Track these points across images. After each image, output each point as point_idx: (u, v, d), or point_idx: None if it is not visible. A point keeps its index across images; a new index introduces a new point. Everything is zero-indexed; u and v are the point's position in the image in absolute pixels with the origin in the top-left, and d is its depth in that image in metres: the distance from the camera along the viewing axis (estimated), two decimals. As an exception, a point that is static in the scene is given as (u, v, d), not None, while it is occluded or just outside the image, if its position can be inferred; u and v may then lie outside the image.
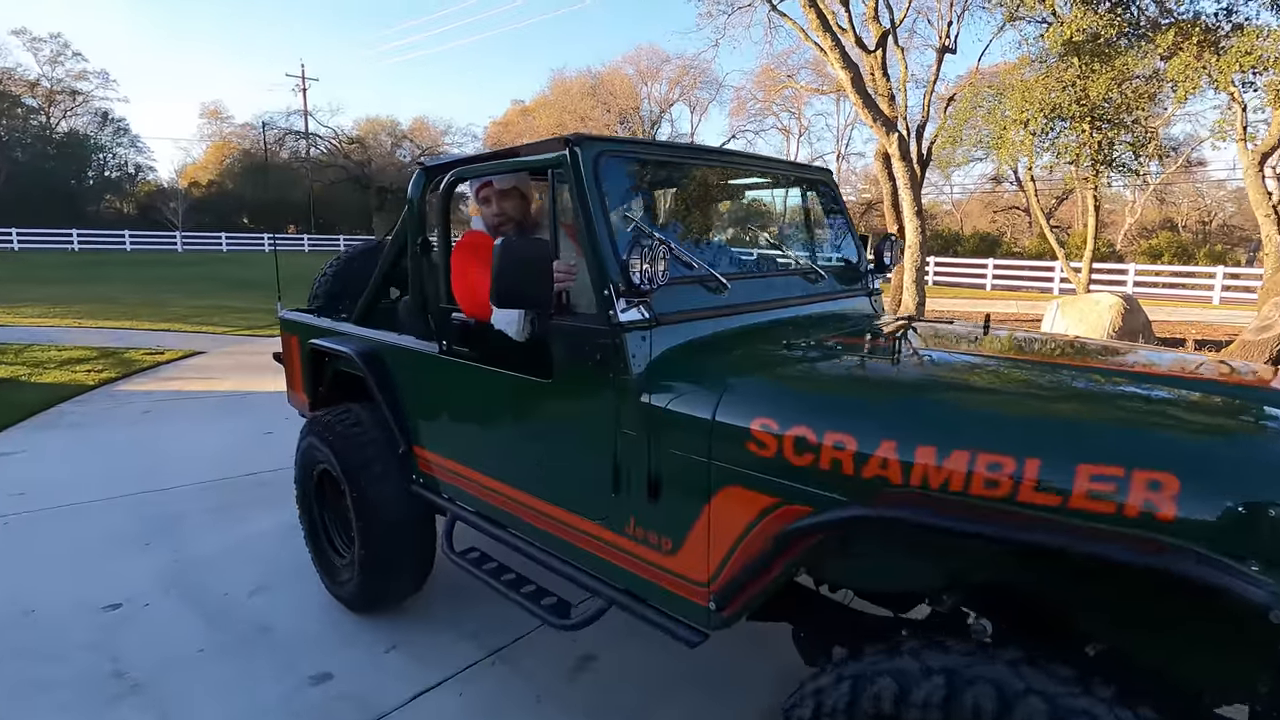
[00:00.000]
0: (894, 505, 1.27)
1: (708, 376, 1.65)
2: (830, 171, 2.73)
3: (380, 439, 2.60)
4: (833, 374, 1.68)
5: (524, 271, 1.66)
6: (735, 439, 1.52)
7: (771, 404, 1.52)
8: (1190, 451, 1.15)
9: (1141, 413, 1.33)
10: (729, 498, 1.55)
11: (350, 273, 3.62)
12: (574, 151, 1.81)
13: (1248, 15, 8.40)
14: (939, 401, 1.43)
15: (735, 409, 1.54)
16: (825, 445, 1.40)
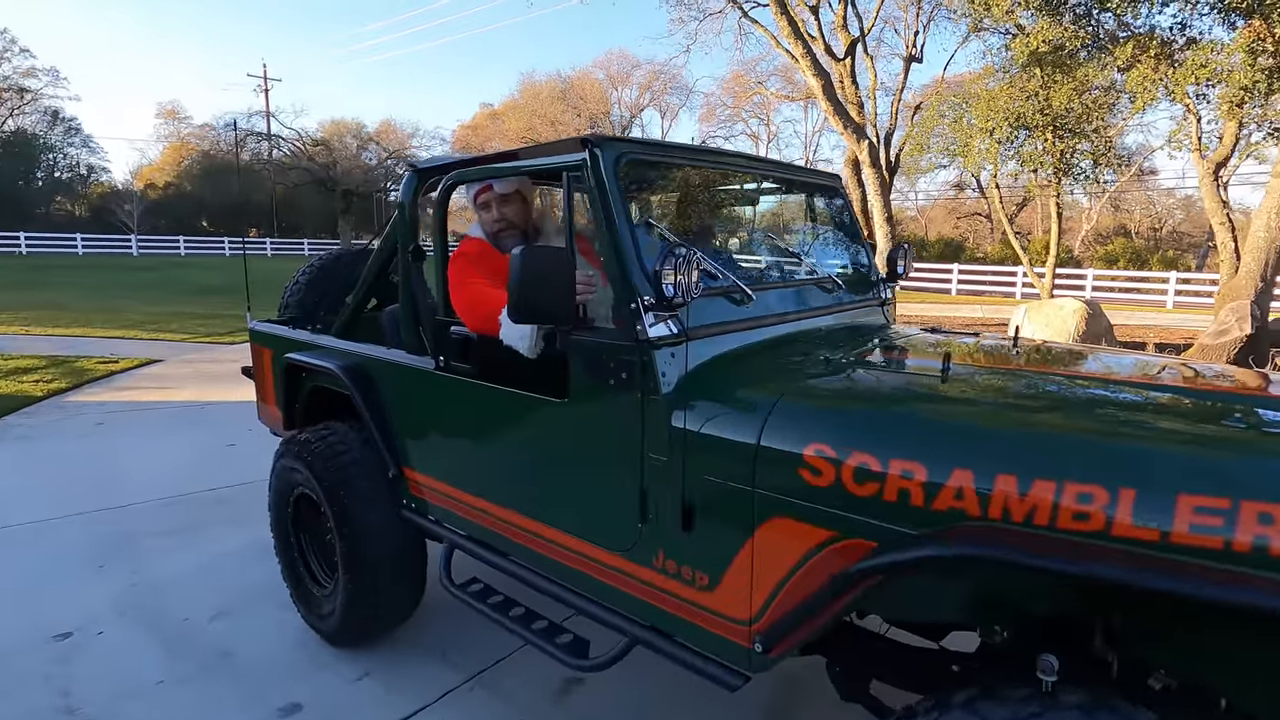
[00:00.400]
0: (988, 543, 1.15)
1: (748, 396, 1.55)
2: (839, 178, 2.69)
3: (367, 461, 2.46)
4: (889, 394, 1.56)
5: (545, 283, 1.55)
6: (784, 466, 1.41)
7: (826, 428, 1.41)
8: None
9: (1244, 438, 1.24)
10: (776, 530, 1.44)
11: (325, 281, 3.47)
12: (594, 153, 1.70)
13: (1201, 30, 8.72)
14: (1016, 426, 1.31)
15: (784, 433, 1.43)
16: (891, 474, 1.29)
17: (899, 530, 1.28)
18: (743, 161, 2.37)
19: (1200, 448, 1.19)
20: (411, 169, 2.37)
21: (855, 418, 1.43)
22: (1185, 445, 1.19)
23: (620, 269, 1.64)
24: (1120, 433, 1.26)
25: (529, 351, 1.83)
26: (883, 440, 1.34)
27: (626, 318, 1.62)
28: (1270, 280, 7.62)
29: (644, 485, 1.64)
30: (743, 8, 11.94)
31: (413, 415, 2.35)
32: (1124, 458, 1.17)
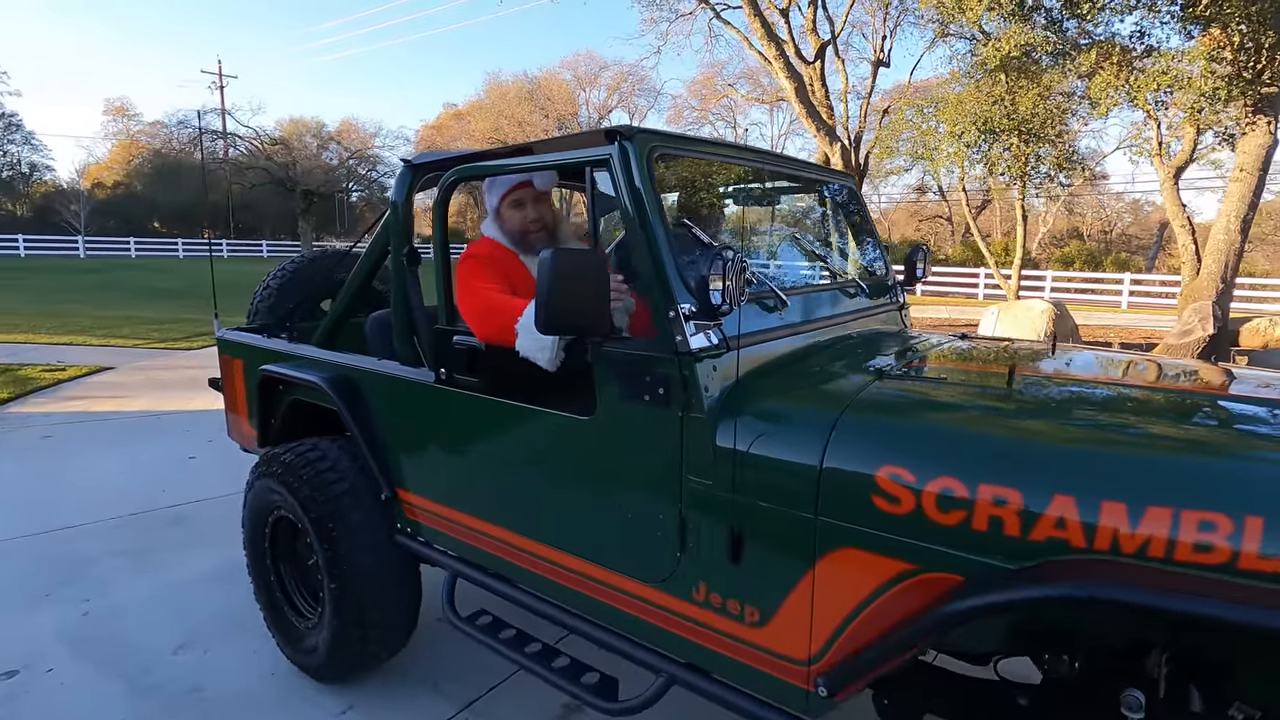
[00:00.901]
0: (1113, 582, 1.03)
1: (804, 411, 1.42)
2: (854, 177, 2.60)
3: (357, 482, 2.26)
4: (967, 410, 1.41)
5: (579, 289, 1.40)
6: (853, 491, 1.28)
7: (901, 448, 1.28)
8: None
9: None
10: (843, 562, 1.31)
11: (299, 286, 3.26)
12: (624, 147, 1.56)
13: (1159, 38, 8.98)
14: (1120, 447, 1.19)
15: (851, 453, 1.30)
16: (980, 501, 1.17)
17: (990, 564, 1.16)
18: (768, 159, 2.25)
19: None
20: (406, 164, 2.20)
21: (934, 437, 1.30)
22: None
23: (657, 274, 1.50)
24: (1240, 454, 1.16)
25: (549, 364, 1.67)
26: (969, 463, 1.22)
27: (663, 327, 1.49)
28: (1230, 281, 7.84)
29: (683, 511, 1.51)
30: (715, 9, 11.91)
31: (409, 432, 2.17)
32: (1249, 482, 1.07)
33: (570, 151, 1.69)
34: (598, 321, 1.45)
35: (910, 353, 1.86)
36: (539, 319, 1.41)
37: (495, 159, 1.93)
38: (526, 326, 1.66)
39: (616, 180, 1.56)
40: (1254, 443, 1.25)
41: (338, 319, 2.54)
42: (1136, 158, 9.30)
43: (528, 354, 1.68)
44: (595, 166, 1.62)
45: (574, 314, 1.41)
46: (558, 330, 1.44)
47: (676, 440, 1.49)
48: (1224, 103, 7.36)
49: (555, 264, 1.37)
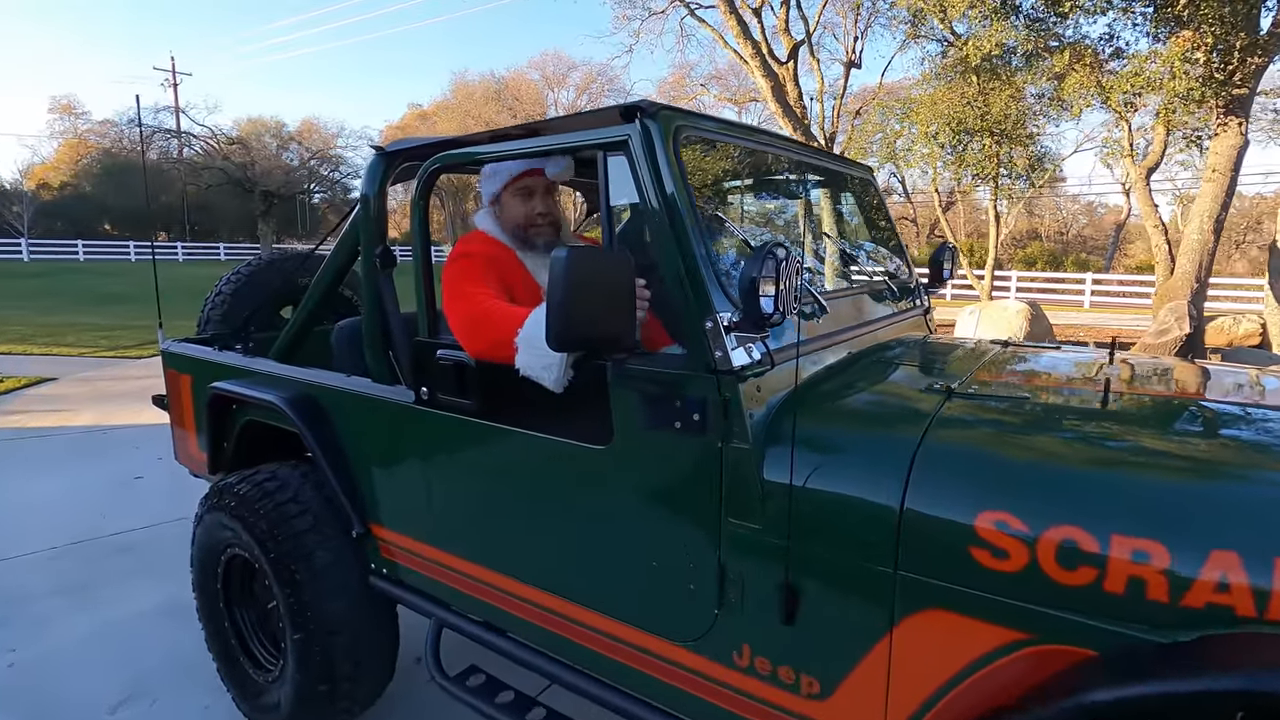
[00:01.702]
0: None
1: (873, 440, 1.21)
2: (872, 169, 2.39)
3: (324, 516, 1.98)
4: (1071, 438, 1.19)
5: (601, 297, 1.16)
6: (945, 541, 1.07)
7: (1005, 487, 1.06)
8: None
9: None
10: (931, 627, 1.10)
11: (255, 292, 2.95)
12: (646, 126, 1.32)
13: (1127, 40, 9.09)
14: None
15: (938, 493, 1.09)
16: (1115, 556, 0.97)
17: (1132, 635, 0.95)
18: (795, 146, 2.02)
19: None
20: (378, 152, 1.92)
21: (1046, 473, 1.08)
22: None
23: (689, 277, 1.26)
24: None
25: (555, 385, 1.41)
26: (1097, 507, 1.00)
27: (697, 340, 1.25)
28: (1204, 281, 7.91)
29: (722, 559, 1.27)
30: (689, 6, 11.75)
31: (385, 461, 1.90)
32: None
33: (577, 134, 1.44)
34: (621, 336, 1.20)
35: (965, 365, 1.65)
36: (550, 332, 1.16)
37: (484, 144, 1.67)
38: (529, 340, 1.41)
39: (637, 165, 1.32)
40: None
41: (299, 329, 2.25)
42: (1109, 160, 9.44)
43: (529, 372, 1.42)
44: (609, 150, 1.37)
45: (593, 327, 1.16)
46: (573, 346, 1.19)
47: (714, 475, 1.25)
48: (1198, 104, 7.42)
49: (572, 266, 1.12)
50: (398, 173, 1.95)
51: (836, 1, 14.59)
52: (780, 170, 2.01)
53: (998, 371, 1.59)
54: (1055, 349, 1.93)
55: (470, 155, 1.67)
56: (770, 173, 2.00)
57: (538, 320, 1.40)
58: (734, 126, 1.67)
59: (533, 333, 1.40)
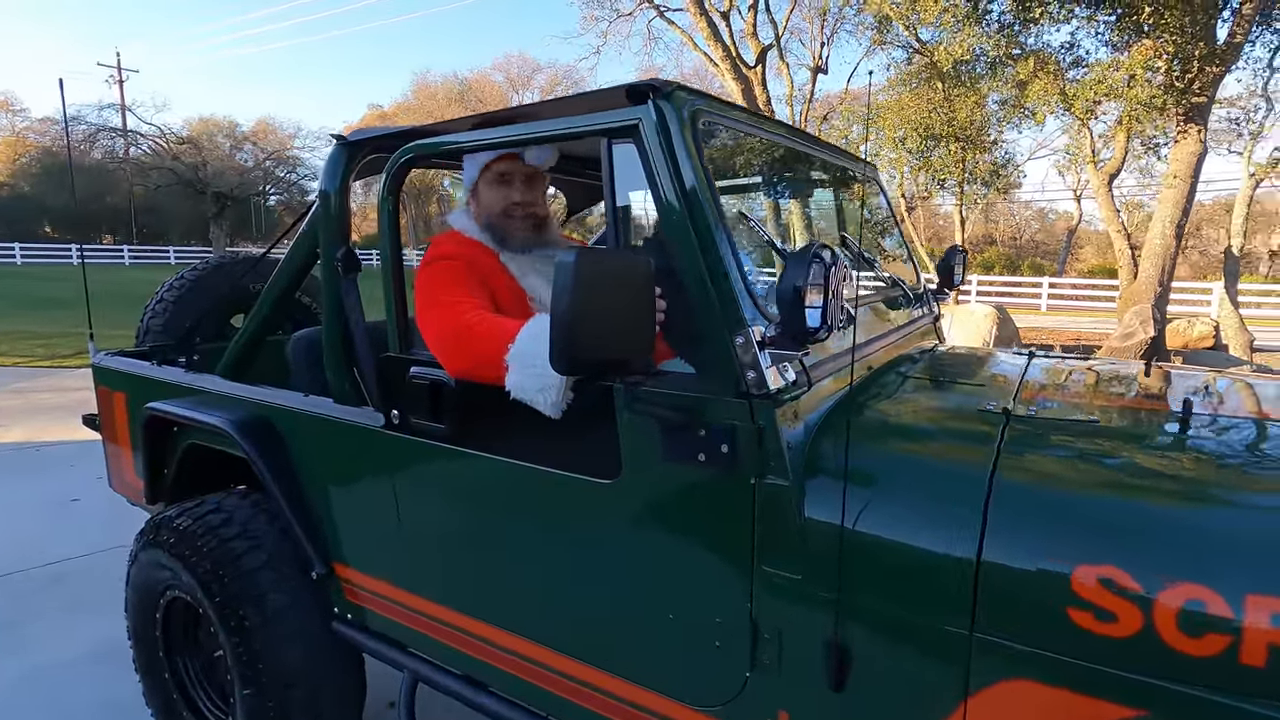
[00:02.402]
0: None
1: (933, 475, 1.04)
2: (876, 167, 2.25)
3: (278, 553, 1.76)
4: (1169, 472, 1.04)
5: (617, 309, 0.97)
6: (1035, 599, 0.91)
7: (1109, 535, 0.90)
8: None
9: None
10: (1016, 699, 0.93)
11: (201, 299, 2.68)
12: (660, 109, 1.14)
13: (1087, 49, 9.30)
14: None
15: (1028, 541, 0.93)
16: (1252, 623, 0.81)
17: (1274, 716, 0.80)
18: (809, 140, 1.85)
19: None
20: (339, 142, 1.70)
21: (1161, 521, 0.92)
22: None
23: (714, 284, 1.09)
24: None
25: (553, 409, 1.21)
26: (1228, 562, 0.85)
27: (723, 357, 1.08)
28: (1166, 285, 8.06)
29: (754, 613, 1.10)
30: (658, 8, 11.65)
31: (350, 493, 1.68)
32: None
33: (576, 119, 1.24)
34: (638, 356, 1.02)
35: (1005, 381, 1.51)
36: (553, 352, 0.97)
37: (463, 132, 1.46)
38: (523, 358, 1.21)
39: (650, 154, 1.14)
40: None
41: (250, 341, 2.00)
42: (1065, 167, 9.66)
43: (522, 395, 1.22)
44: (615, 137, 1.19)
45: (606, 346, 0.98)
46: (581, 369, 1.00)
47: (746, 515, 1.08)
48: (1160, 111, 7.56)
49: (582, 273, 0.93)
50: (362, 166, 1.73)
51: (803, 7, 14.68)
52: (794, 167, 1.85)
53: (1046, 389, 1.45)
54: (1082, 359, 1.81)
55: (447, 145, 1.46)
56: (783, 168, 1.84)
57: (533, 335, 1.20)
58: (753, 115, 1.50)
59: (527, 349, 1.20)
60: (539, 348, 1.15)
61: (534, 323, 1.23)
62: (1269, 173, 9.22)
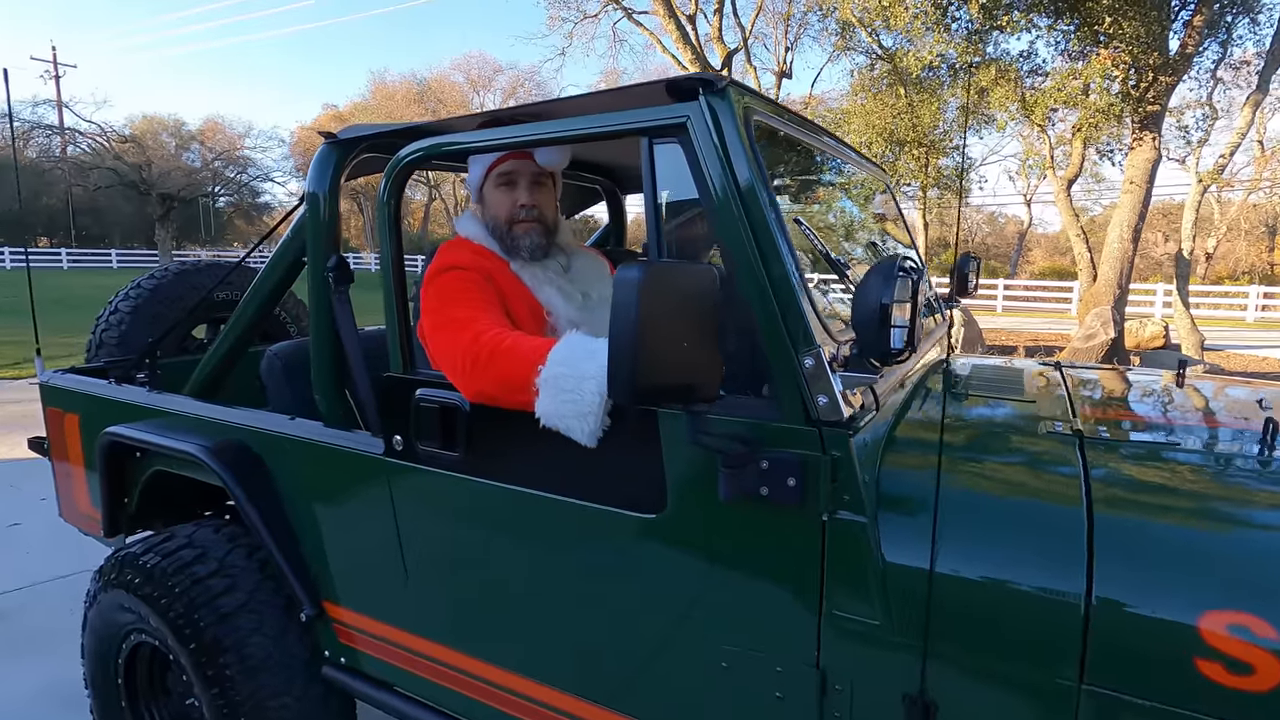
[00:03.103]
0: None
1: (1023, 506, 0.95)
2: (885, 170, 2.18)
3: (259, 591, 1.60)
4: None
5: (688, 331, 0.86)
6: (1155, 648, 0.83)
7: (1240, 578, 0.82)
8: None
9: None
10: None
11: (161, 309, 2.46)
12: (712, 106, 1.03)
13: (1044, 59, 9.58)
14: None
15: (1143, 582, 0.85)
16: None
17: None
18: (846, 149, 1.76)
19: None
20: (329, 140, 1.55)
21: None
22: None
23: (778, 299, 0.99)
24: None
25: (589, 437, 1.08)
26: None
27: (786, 382, 0.98)
28: (1125, 287, 8.30)
29: (822, 662, 1.00)
30: (626, 10, 11.57)
31: (344, 526, 1.53)
32: None
33: (605, 117, 1.12)
34: (708, 380, 0.91)
35: (1054, 395, 1.43)
36: (615, 379, 0.85)
37: (474, 130, 1.32)
38: (556, 381, 1.08)
39: (701, 155, 1.03)
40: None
41: (226, 357, 1.83)
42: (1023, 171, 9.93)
43: (555, 423, 1.09)
44: (658, 137, 1.08)
45: (675, 371, 0.86)
46: (644, 397, 0.87)
47: (814, 555, 0.98)
48: (1117, 119, 7.79)
49: (649, 289, 0.82)
50: (354, 166, 1.58)
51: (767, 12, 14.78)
52: (824, 172, 1.76)
53: (1101, 405, 1.39)
54: (1113, 369, 1.76)
55: (458, 146, 1.32)
56: (816, 174, 1.76)
57: (568, 355, 1.09)
58: (797, 116, 1.40)
59: (561, 371, 1.08)
60: (575, 369, 1.05)
61: (567, 342, 1.12)
62: (1215, 179, 9.58)
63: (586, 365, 1.06)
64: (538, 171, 1.49)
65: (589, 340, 1.10)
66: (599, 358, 1.03)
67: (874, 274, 0.93)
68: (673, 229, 1.12)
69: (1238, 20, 8.41)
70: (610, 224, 2.60)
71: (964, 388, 1.51)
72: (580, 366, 1.05)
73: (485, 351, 1.18)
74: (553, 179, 1.55)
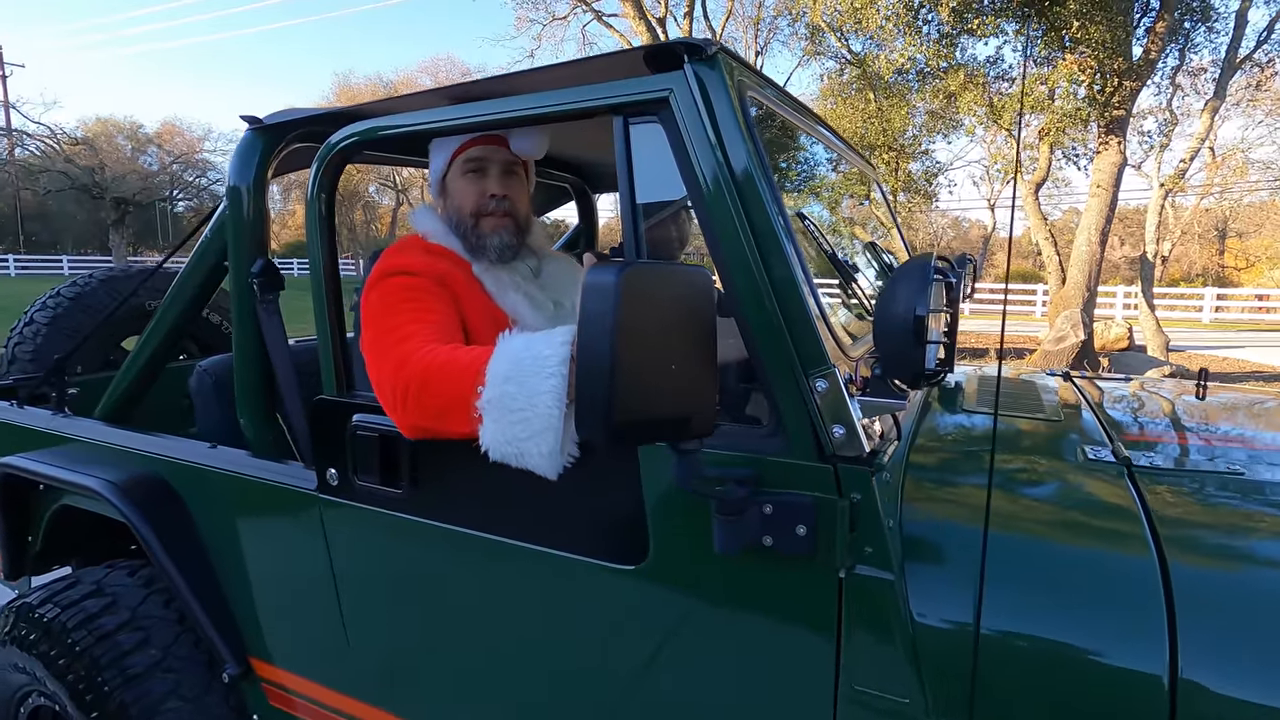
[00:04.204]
0: None
1: (1080, 559, 0.80)
2: (874, 167, 2.04)
3: (179, 647, 1.39)
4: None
5: (679, 350, 0.69)
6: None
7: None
8: None
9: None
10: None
11: (81, 321, 2.22)
12: (700, 77, 0.87)
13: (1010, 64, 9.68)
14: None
15: (1242, 655, 0.70)
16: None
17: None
18: (840, 140, 1.61)
19: None
20: (254, 126, 1.34)
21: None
22: None
23: (783, 309, 0.83)
24: None
25: (549, 466, 0.89)
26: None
27: (794, 410, 0.82)
28: (1093, 290, 8.37)
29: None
30: (597, 12, 11.42)
31: (273, 572, 1.33)
32: None
33: (572, 92, 0.95)
34: (702, 410, 0.73)
35: (1079, 414, 1.29)
36: (588, 415, 0.67)
37: (417, 108, 1.14)
38: (501, 402, 0.89)
39: (687, 136, 0.86)
40: None
41: (140, 375, 1.60)
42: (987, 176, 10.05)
43: (505, 454, 0.90)
44: (633, 114, 0.91)
45: (663, 399, 0.69)
46: (628, 436, 0.69)
47: (829, 618, 0.82)
48: (1083, 124, 7.86)
49: (628, 292, 0.64)
50: (284, 156, 1.39)
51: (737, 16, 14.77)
52: (822, 165, 1.61)
53: (1135, 425, 1.25)
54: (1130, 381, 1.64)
55: (399, 129, 1.13)
56: (809, 165, 1.60)
57: (511, 372, 0.89)
58: (791, 97, 1.25)
59: (508, 391, 0.89)
60: (524, 386, 0.86)
61: (506, 349, 0.91)
62: (1176, 183, 9.75)
63: (537, 382, 0.86)
64: (510, 160, 1.29)
65: (534, 340, 0.90)
66: (552, 361, 0.85)
67: (904, 279, 0.77)
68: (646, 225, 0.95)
69: (1196, 28, 8.58)
70: (580, 225, 2.42)
71: (974, 403, 1.37)
72: (527, 376, 0.86)
73: (416, 379, 0.97)
74: (525, 170, 1.36)
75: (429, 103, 1.13)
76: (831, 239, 1.43)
